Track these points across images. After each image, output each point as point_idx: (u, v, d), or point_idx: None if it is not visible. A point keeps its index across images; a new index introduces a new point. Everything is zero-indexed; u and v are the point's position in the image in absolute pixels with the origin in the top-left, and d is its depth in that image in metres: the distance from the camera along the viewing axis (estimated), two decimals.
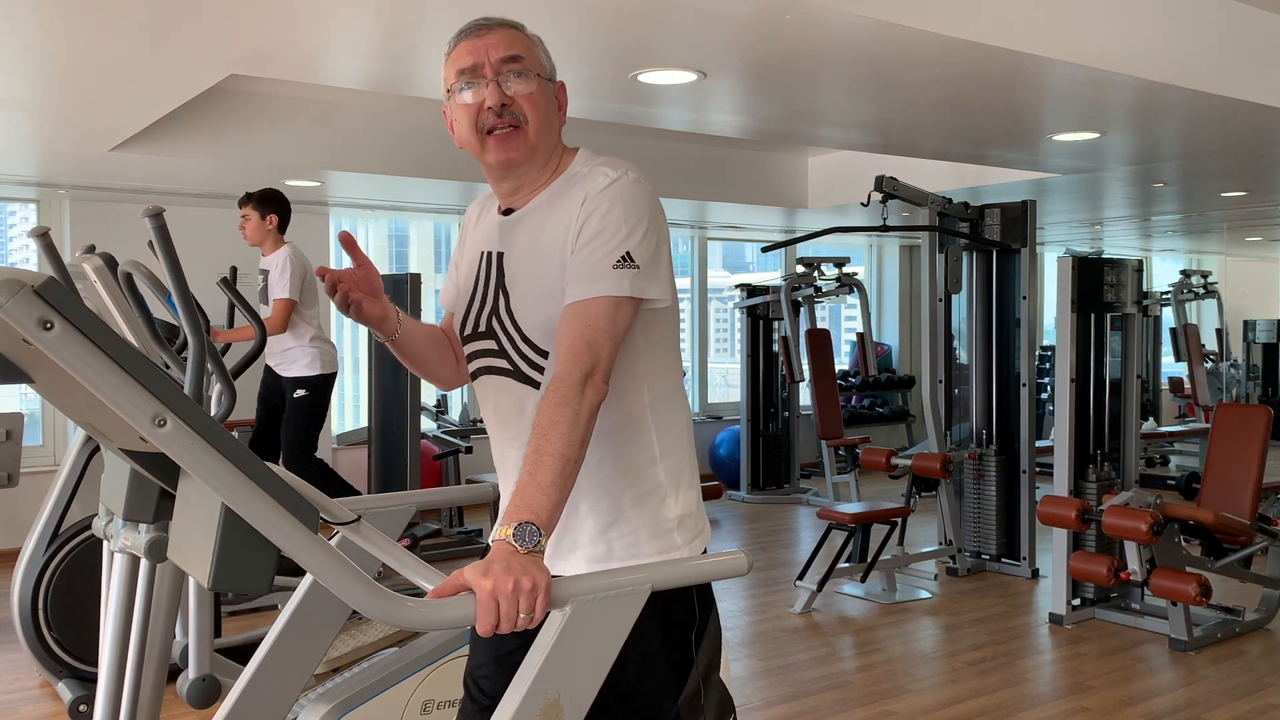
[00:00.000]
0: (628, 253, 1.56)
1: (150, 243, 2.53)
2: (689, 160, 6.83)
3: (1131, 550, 4.45)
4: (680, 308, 1.72)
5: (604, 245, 1.56)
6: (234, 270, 4.74)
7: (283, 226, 5.03)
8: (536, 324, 1.65)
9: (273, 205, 4.97)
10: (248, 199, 4.99)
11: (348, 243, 1.71)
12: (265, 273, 5.02)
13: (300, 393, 5.01)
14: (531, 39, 1.68)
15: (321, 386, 5.07)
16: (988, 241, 5.80)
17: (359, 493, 5.33)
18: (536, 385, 1.66)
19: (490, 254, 1.72)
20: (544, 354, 1.65)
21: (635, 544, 1.65)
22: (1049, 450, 5.31)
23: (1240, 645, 4.58)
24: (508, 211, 1.72)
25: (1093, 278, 5.08)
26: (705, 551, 1.72)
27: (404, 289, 5.89)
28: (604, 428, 1.61)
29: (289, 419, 5.07)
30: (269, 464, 1.35)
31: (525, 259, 1.66)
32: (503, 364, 1.70)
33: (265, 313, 4.94)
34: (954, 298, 6.00)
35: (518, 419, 1.70)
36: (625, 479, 1.65)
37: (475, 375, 1.76)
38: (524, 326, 1.66)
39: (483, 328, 1.72)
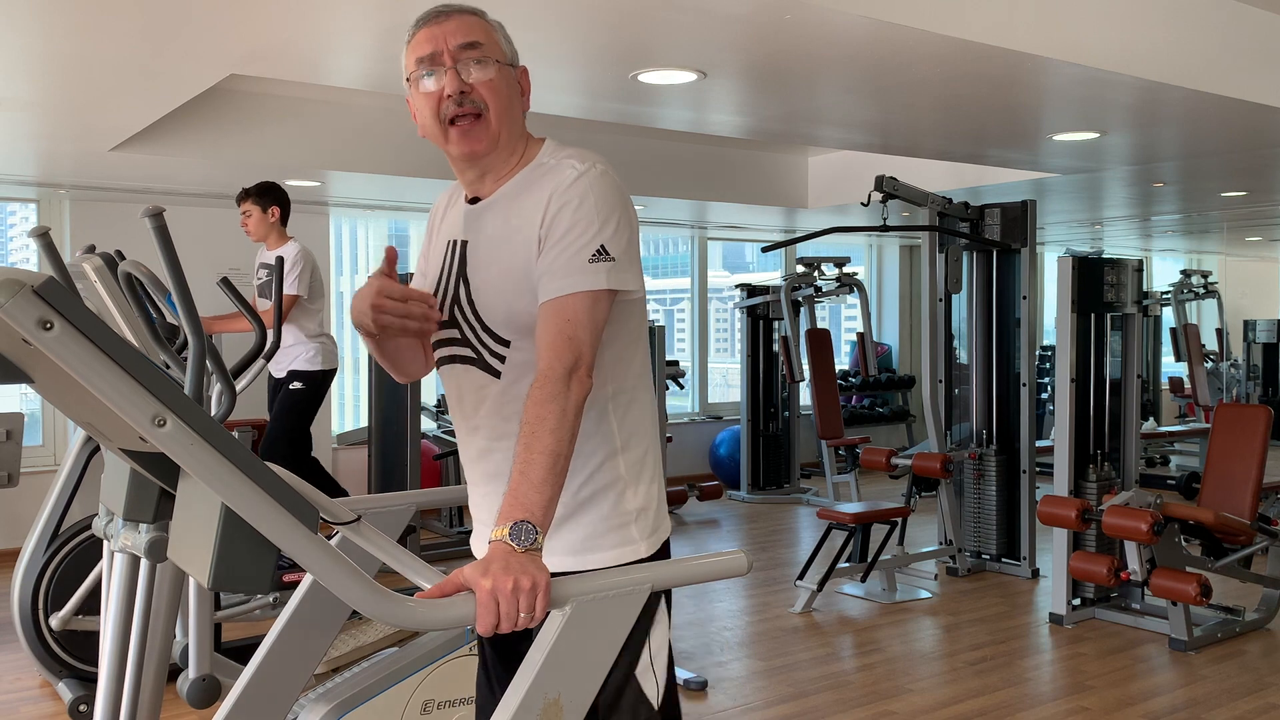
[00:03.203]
0: (602, 246, 1.56)
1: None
2: (689, 160, 6.83)
3: (1131, 550, 4.45)
4: (680, 307, 1.73)
5: (578, 240, 1.56)
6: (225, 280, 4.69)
7: (285, 218, 4.99)
8: (498, 313, 1.64)
9: (272, 197, 4.94)
10: (245, 195, 4.96)
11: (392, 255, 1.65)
12: (268, 267, 4.98)
13: (297, 385, 4.94)
14: (491, 24, 1.67)
15: (321, 382, 5.03)
16: (988, 241, 5.80)
17: (346, 492, 5.31)
18: (497, 374, 1.66)
19: (455, 242, 1.72)
20: (505, 343, 1.65)
21: (592, 536, 1.65)
22: (1049, 450, 5.31)
23: (1240, 645, 4.58)
24: (474, 200, 1.71)
25: (1093, 278, 5.08)
26: (665, 545, 1.72)
27: None
28: None
29: (278, 410, 4.97)
30: (270, 464, 1.35)
31: (489, 249, 1.66)
32: (466, 352, 1.69)
33: (264, 308, 4.90)
34: (954, 298, 6.00)
35: (479, 408, 1.69)
36: (585, 471, 1.65)
37: (440, 364, 1.76)
38: (485, 316, 1.66)
39: (446, 316, 1.71)
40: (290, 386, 4.96)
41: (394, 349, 1.77)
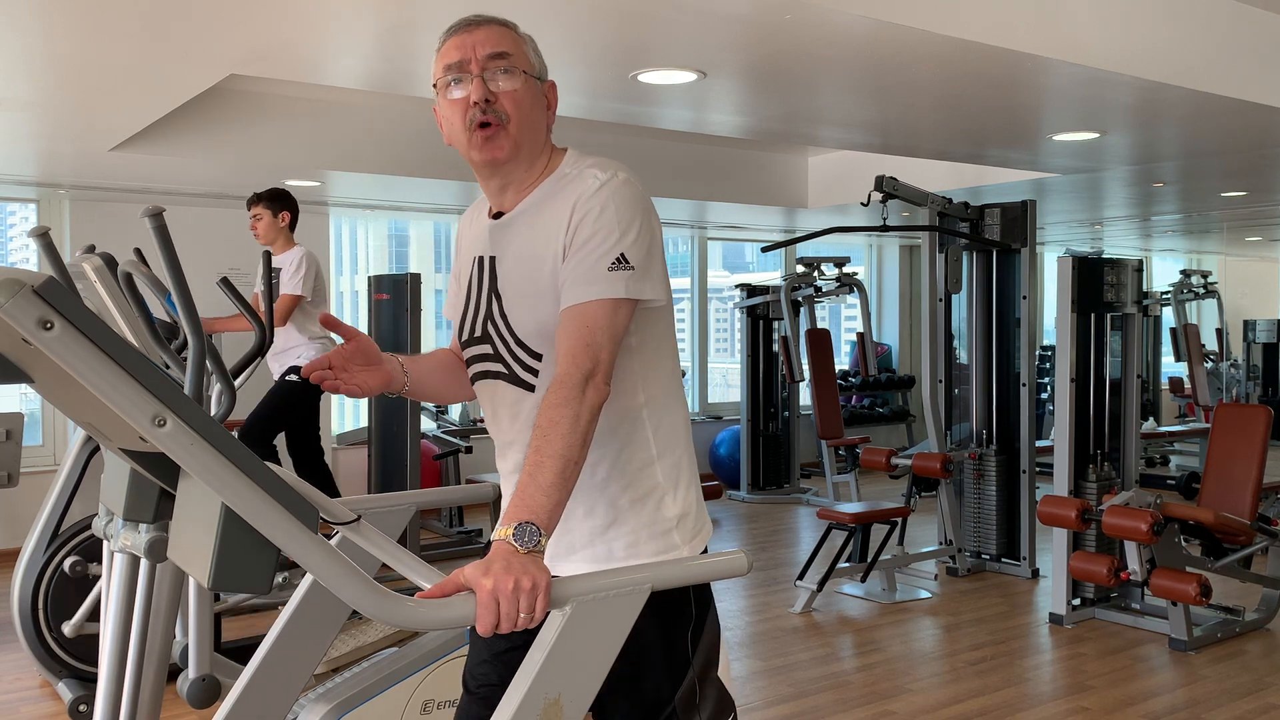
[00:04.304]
0: (622, 254, 1.57)
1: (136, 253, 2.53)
2: (689, 160, 6.83)
3: (1131, 550, 4.45)
4: (680, 308, 1.74)
5: (598, 248, 1.57)
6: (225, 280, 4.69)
7: (294, 224, 5.03)
8: (529, 326, 1.65)
9: (283, 203, 4.99)
10: (257, 199, 4.99)
11: (330, 322, 1.72)
12: (275, 270, 4.99)
13: (291, 377, 4.96)
14: (522, 37, 1.67)
15: (315, 386, 5.03)
16: (988, 241, 5.80)
17: (337, 492, 5.30)
18: (531, 388, 1.66)
19: (483, 258, 1.72)
20: (537, 356, 1.65)
21: (634, 544, 1.65)
22: (1049, 450, 5.31)
23: (1240, 645, 4.58)
24: (498, 215, 1.72)
25: (1093, 278, 5.08)
26: (706, 550, 1.72)
27: (404, 289, 5.89)
28: (600, 429, 1.61)
29: (266, 397, 4.98)
30: (272, 465, 1.35)
31: (516, 262, 1.67)
32: (498, 368, 1.70)
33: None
34: (954, 298, 6.00)
35: (514, 422, 1.70)
36: (622, 480, 1.65)
37: (474, 380, 1.77)
38: (517, 329, 1.66)
39: (478, 332, 1.72)
40: (286, 377, 4.97)
41: (424, 392, 1.85)
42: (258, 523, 1.27)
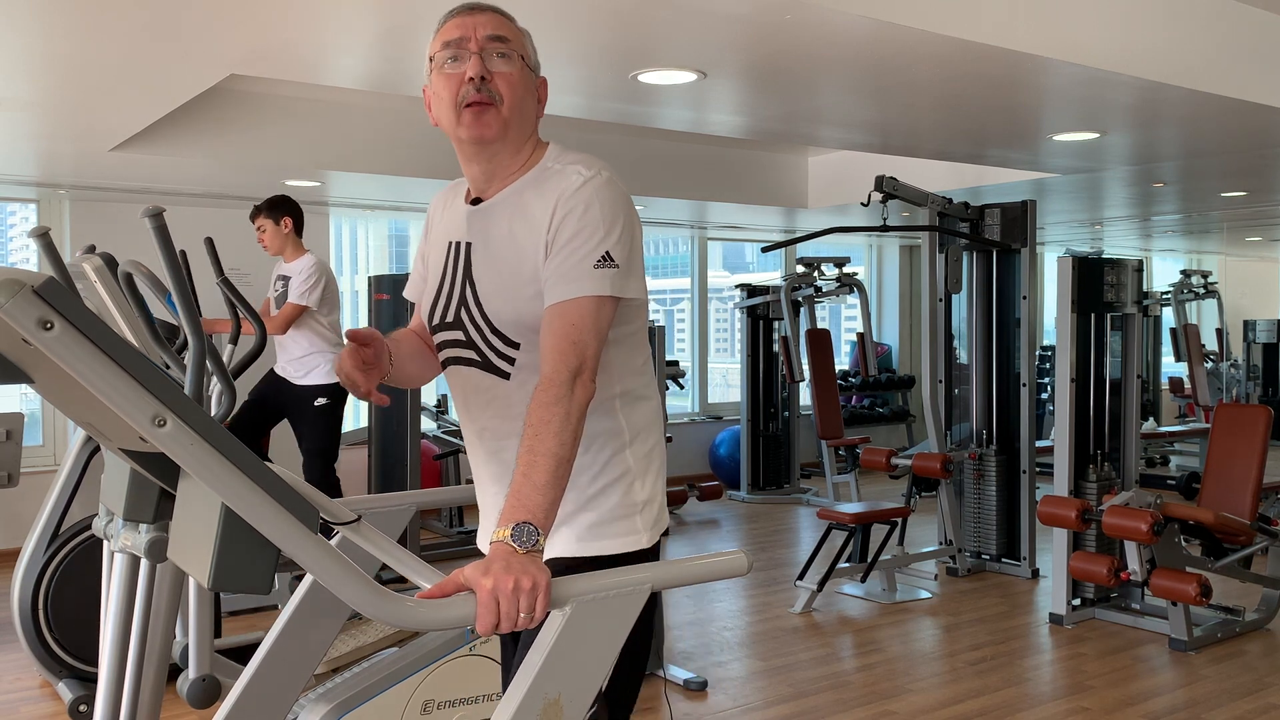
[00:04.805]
0: (607, 252, 1.58)
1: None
2: (689, 160, 6.83)
3: (1131, 550, 4.45)
4: (680, 307, 1.75)
5: (583, 246, 1.58)
6: (225, 280, 4.67)
7: (299, 229, 5.01)
8: (507, 316, 1.66)
9: (283, 209, 4.96)
10: (257, 210, 4.98)
11: (359, 337, 1.71)
12: (285, 279, 4.99)
13: (321, 401, 4.96)
14: (520, 30, 1.70)
15: (342, 394, 5.04)
16: (988, 241, 5.80)
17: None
18: (505, 376, 1.67)
19: (458, 244, 1.73)
20: (513, 345, 1.66)
21: (599, 524, 1.68)
22: (1049, 450, 5.31)
23: (1240, 645, 4.58)
24: (476, 201, 1.72)
25: (1093, 278, 5.08)
26: (659, 543, 1.74)
27: (404, 289, 5.89)
28: None
29: (311, 429, 4.99)
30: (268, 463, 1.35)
31: (493, 250, 1.68)
32: (471, 354, 1.71)
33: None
34: (954, 298, 6.00)
35: (486, 409, 1.71)
36: (593, 468, 1.67)
37: (445, 365, 1.78)
38: (493, 318, 1.67)
39: (451, 318, 1.73)
40: (316, 404, 4.96)
41: (404, 377, 1.84)
42: (258, 523, 1.27)
